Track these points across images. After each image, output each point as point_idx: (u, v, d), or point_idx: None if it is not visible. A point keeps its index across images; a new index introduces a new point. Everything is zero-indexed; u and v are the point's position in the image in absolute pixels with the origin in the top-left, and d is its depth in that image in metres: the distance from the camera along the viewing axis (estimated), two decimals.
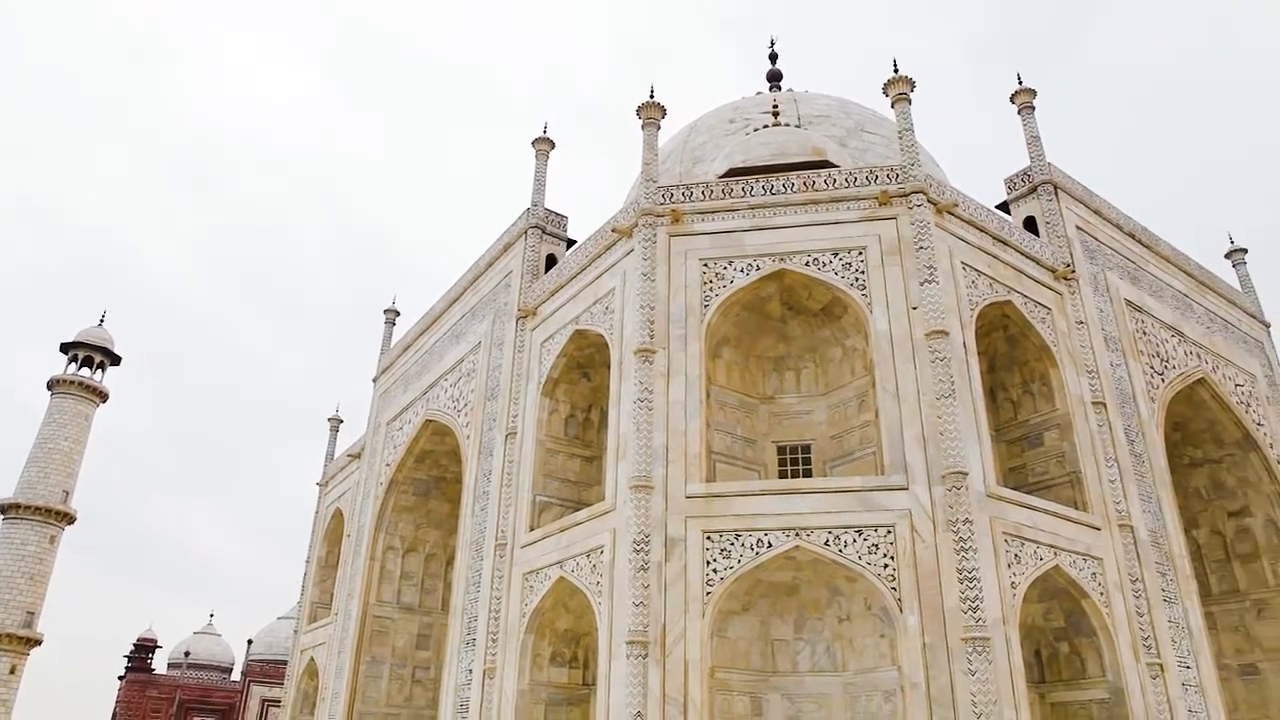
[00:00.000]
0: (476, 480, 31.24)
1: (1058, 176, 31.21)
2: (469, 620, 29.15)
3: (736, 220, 25.70)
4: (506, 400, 30.35)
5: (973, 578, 20.41)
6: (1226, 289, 38.88)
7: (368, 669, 38.21)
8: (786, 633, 22.74)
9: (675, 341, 24.09)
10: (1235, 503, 35.79)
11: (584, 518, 24.95)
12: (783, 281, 25.11)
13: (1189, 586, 27.55)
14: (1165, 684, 24.08)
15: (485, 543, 29.23)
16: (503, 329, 32.37)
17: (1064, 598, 24.05)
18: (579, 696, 26.34)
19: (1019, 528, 22.70)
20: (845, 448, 25.16)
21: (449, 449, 37.12)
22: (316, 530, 50.59)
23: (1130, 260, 32.89)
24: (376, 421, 43.33)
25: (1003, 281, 26.58)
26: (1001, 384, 28.26)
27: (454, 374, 35.64)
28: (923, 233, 24.47)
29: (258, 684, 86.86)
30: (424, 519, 40.64)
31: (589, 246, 29.14)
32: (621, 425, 24.12)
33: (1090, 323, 28.51)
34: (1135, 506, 26.50)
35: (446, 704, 29.27)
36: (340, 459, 49.40)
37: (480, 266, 36.06)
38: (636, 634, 20.82)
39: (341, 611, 40.97)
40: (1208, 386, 33.66)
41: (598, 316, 27.24)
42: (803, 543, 21.38)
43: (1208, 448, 35.70)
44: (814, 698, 22.16)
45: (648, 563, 21.51)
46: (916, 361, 22.83)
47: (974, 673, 19.55)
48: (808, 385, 26.51)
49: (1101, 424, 26.78)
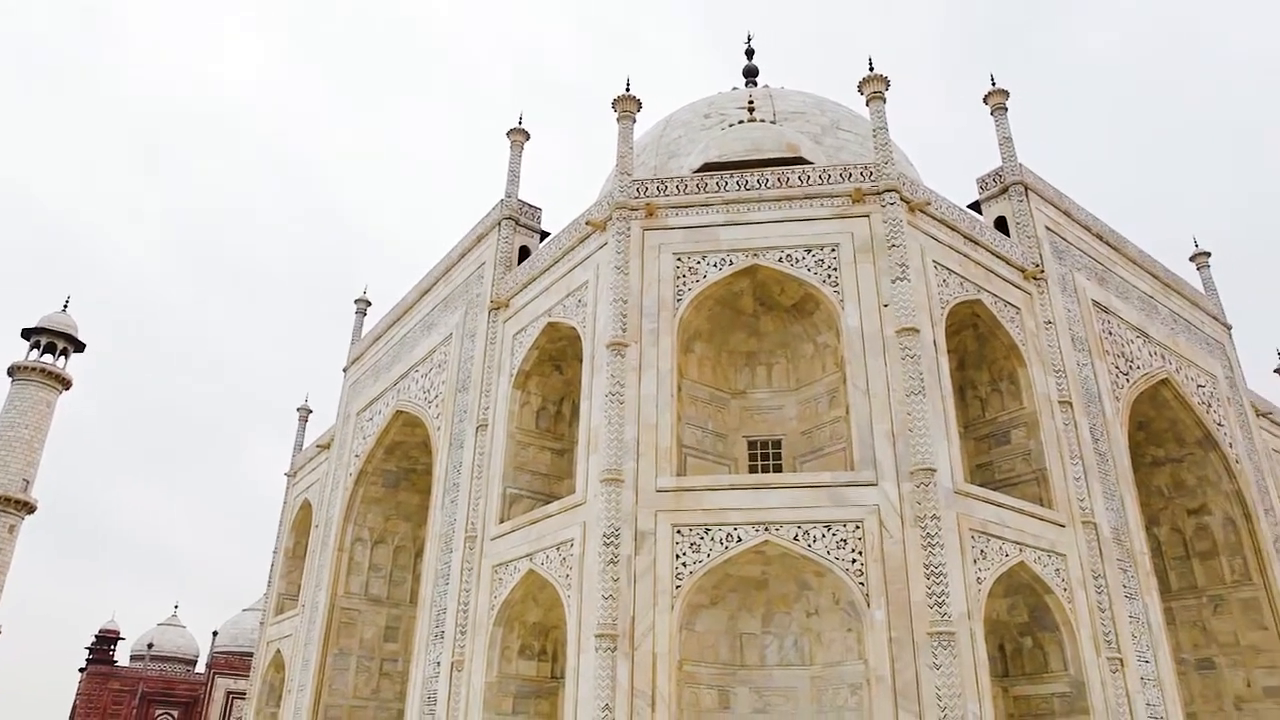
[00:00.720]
0: (447, 472, 31.09)
1: (1028, 178, 31.55)
2: (438, 613, 29.02)
3: (710, 215, 25.73)
4: (478, 392, 30.21)
5: (939, 573, 20.64)
6: (1190, 291, 39.53)
7: (335, 661, 37.95)
8: (755, 626, 22.87)
9: (647, 335, 24.10)
10: (1195, 501, 36.47)
11: (554, 510, 24.91)
12: (755, 277, 25.19)
13: (1149, 583, 28.02)
14: (1125, 678, 24.51)
15: (455, 535, 29.10)
16: (475, 320, 32.20)
17: (1028, 593, 24.38)
18: (547, 689, 26.33)
19: (985, 524, 22.97)
20: (815, 443, 25.31)
21: (419, 440, 36.91)
22: (284, 521, 50.12)
23: (1098, 261, 33.34)
24: (346, 412, 42.98)
25: (973, 280, 26.84)
26: (970, 382, 28.56)
27: (425, 365, 35.42)
28: (895, 231, 24.64)
29: (223, 676, 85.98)
30: (393, 511, 40.40)
31: (562, 239, 29.06)
32: (593, 418, 24.11)
33: (1058, 323, 28.87)
34: (1099, 504, 26.91)
35: (414, 696, 29.14)
36: (309, 449, 48.96)
37: (453, 257, 35.84)
38: (605, 627, 20.84)
39: (309, 603, 40.64)
40: (1171, 387, 34.23)
41: (570, 309, 27.18)
42: (772, 537, 21.50)
43: (1169, 447, 36.34)
44: (781, 691, 22.31)
45: (617, 556, 21.53)
46: (887, 358, 23.01)
47: (939, 667, 19.78)
48: (779, 380, 26.63)
49: (1067, 423, 27.15)
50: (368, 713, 38.15)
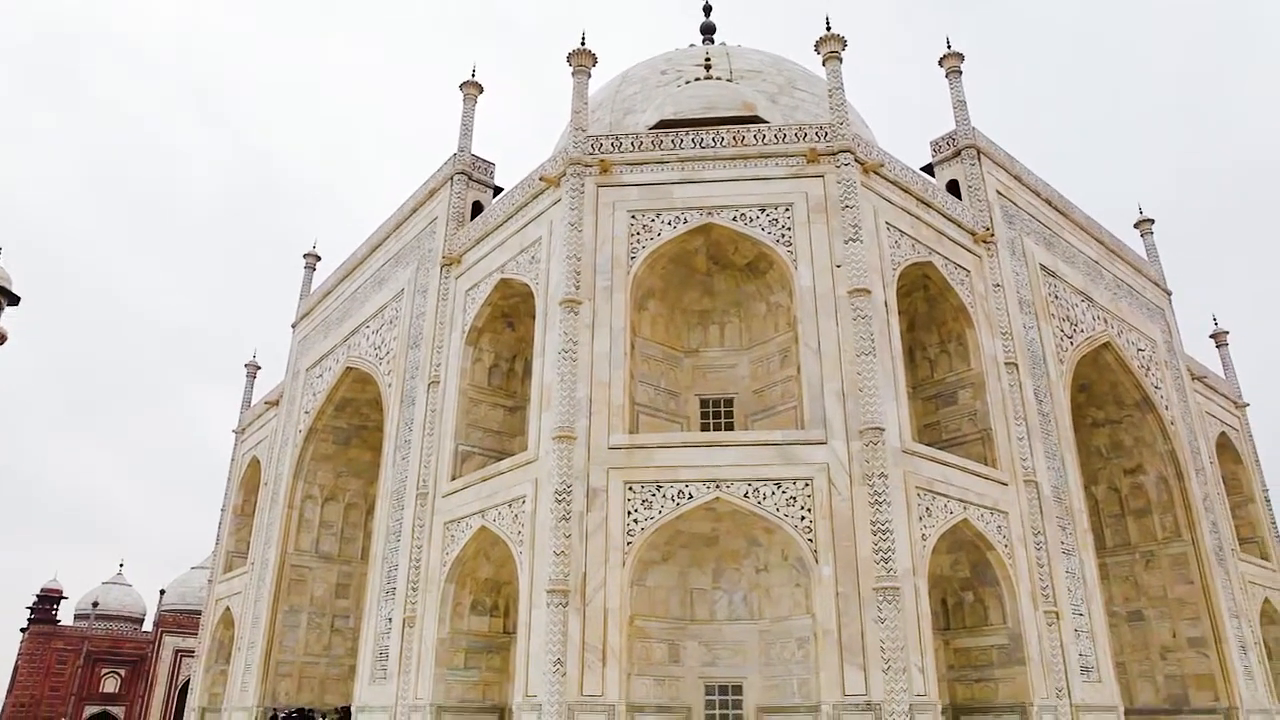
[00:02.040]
0: (398, 429, 30.86)
1: (981, 142, 31.81)
2: (389, 569, 28.97)
3: (665, 173, 25.58)
4: (429, 349, 29.91)
5: (886, 530, 21.08)
6: (1134, 257, 40.40)
7: (285, 618, 37.80)
8: (705, 582, 23.20)
9: (601, 293, 24.00)
10: (1131, 461, 37.66)
11: (506, 468, 24.90)
12: (710, 236, 25.16)
13: (1086, 540, 28.95)
14: (1060, 630, 25.39)
15: (406, 492, 28.98)
16: (426, 276, 31.78)
17: (971, 549, 25.04)
18: (499, 644, 26.52)
19: (931, 482, 23.48)
20: (767, 402, 25.55)
21: (370, 397, 36.54)
22: (232, 478, 49.46)
23: (1046, 226, 33.86)
24: (295, 368, 42.34)
25: (925, 243, 27.11)
26: (920, 343, 28.98)
27: (376, 321, 34.95)
28: (849, 192, 24.73)
29: (171, 634, 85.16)
30: (344, 467, 40.09)
31: (516, 195, 28.69)
32: (545, 376, 24.04)
33: (1006, 286, 29.34)
34: (1041, 463, 27.63)
35: (366, 652, 29.16)
36: (257, 406, 48.21)
37: (404, 212, 35.23)
38: (557, 583, 20.98)
39: (258, 560, 40.31)
40: (1112, 350, 35.11)
41: (523, 266, 26.94)
42: (723, 494, 21.74)
43: (1109, 409, 37.37)
44: (730, 645, 22.74)
45: (569, 513, 21.62)
46: (839, 319, 23.22)
47: (884, 620, 20.28)
48: (731, 340, 26.77)
49: (1013, 384, 27.73)
50: (319, 669, 38.16)
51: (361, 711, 28.36)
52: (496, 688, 26.18)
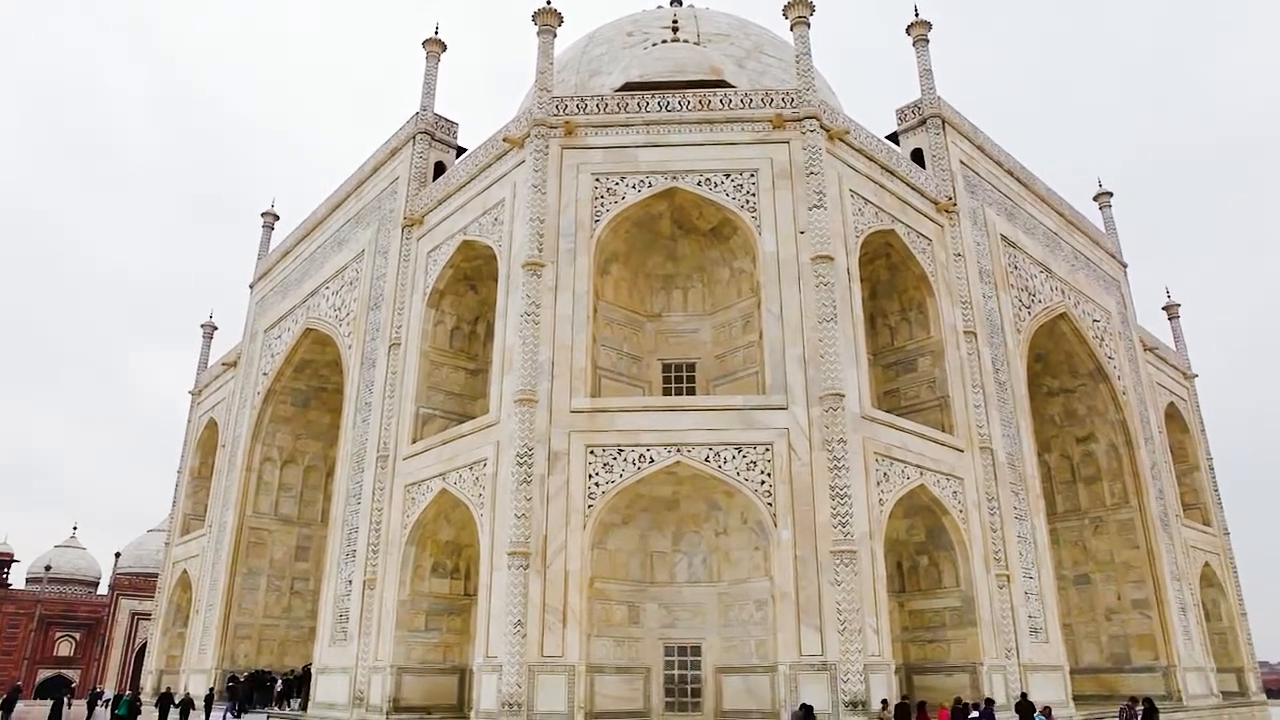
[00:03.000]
0: (358, 391, 30.58)
1: (946, 111, 31.91)
2: (349, 532, 28.85)
3: (631, 136, 25.37)
4: (390, 310, 29.59)
5: (844, 495, 21.39)
6: (1092, 229, 40.98)
7: (244, 581, 37.57)
8: (665, 545, 23.40)
9: (564, 256, 23.86)
10: (1084, 429, 38.50)
11: (468, 430, 24.82)
12: (674, 200, 25.07)
13: (1038, 505, 29.61)
14: (1010, 593, 26.03)
15: (367, 454, 28.79)
16: (388, 237, 31.34)
17: (926, 514, 25.51)
18: (460, 606, 26.59)
19: (889, 448, 23.82)
20: (729, 367, 25.67)
21: (330, 359, 36.13)
22: (189, 441, 48.77)
23: (1008, 197, 34.17)
24: (253, 329, 41.69)
25: (888, 211, 27.24)
26: (881, 310, 29.22)
27: (336, 282, 34.45)
28: (814, 158, 24.73)
29: (127, 597, 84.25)
30: (303, 430, 39.70)
31: (479, 155, 28.32)
32: (507, 338, 23.92)
33: (967, 255, 29.63)
34: (996, 431, 28.13)
35: (326, 614, 29.11)
36: (214, 367, 47.47)
37: (365, 171, 34.63)
38: (518, 545, 21.05)
39: (216, 523, 39.92)
40: (1069, 321, 35.70)
41: (486, 228, 26.66)
42: (684, 458, 21.88)
43: (1064, 378, 38.09)
44: (689, 607, 23.02)
45: (530, 476, 21.65)
46: (801, 285, 23.32)
47: (840, 583, 20.64)
48: (695, 304, 26.79)
49: (971, 352, 28.11)
50: (279, 631, 38.05)
51: (322, 673, 28.37)
52: (457, 649, 26.30)
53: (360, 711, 25.36)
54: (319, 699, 28.15)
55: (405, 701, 24.83)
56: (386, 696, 24.63)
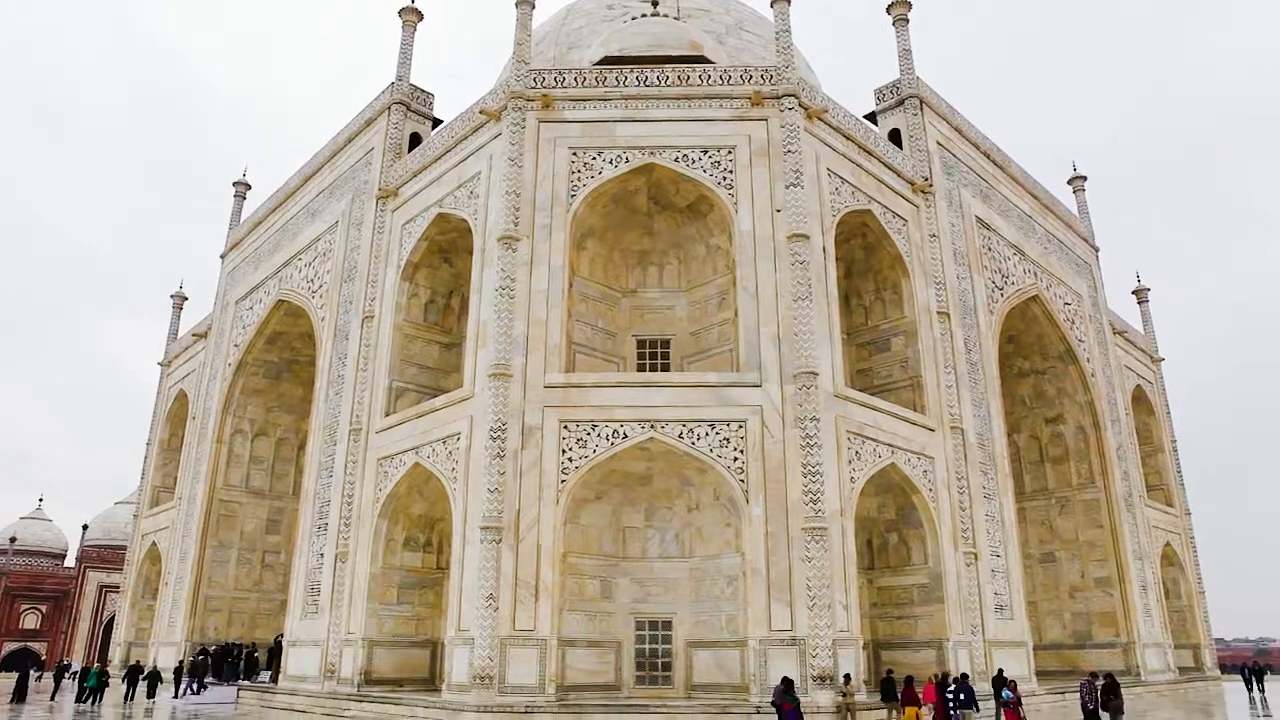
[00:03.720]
0: (331, 364, 30.34)
1: (924, 92, 31.94)
2: (321, 505, 28.72)
3: (609, 110, 25.18)
4: (364, 283, 29.32)
5: (816, 472, 21.55)
6: (1065, 213, 41.31)
7: (214, 553, 37.35)
8: (638, 520, 23.50)
9: (540, 230, 23.72)
10: (1053, 410, 39.01)
11: (441, 404, 24.73)
12: (651, 176, 24.95)
13: (1007, 485, 30.02)
14: (977, 570, 26.43)
15: (339, 428, 28.62)
16: (362, 209, 31.00)
17: (897, 492, 25.78)
18: (432, 580, 26.60)
19: (862, 427, 24.00)
20: (703, 344, 25.70)
21: (302, 331, 35.79)
22: (158, 412, 48.21)
23: (983, 179, 34.34)
24: (224, 300, 41.18)
25: (865, 191, 27.29)
26: (856, 290, 29.34)
27: (309, 253, 34.07)
28: (792, 136, 24.68)
29: (95, 570, 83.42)
30: (275, 402, 39.38)
31: (455, 127, 28.00)
32: (482, 312, 23.79)
33: (942, 236, 29.78)
34: (967, 411, 28.43)
35: (297, 587, 29.02)
36: (184, 338, 46.90)
37: (339, 142, 34.16)
38: (491, 519, 21.05)
39: (186, 496, 39.60)
40: (1040, 303, 36.05)
41: (462, 200, 26.42)
42: (657, 435, 21.94)
43: (1035, 359, 38.53)
44: (661, 582, 23.16)
45: (504, 450, 21.61)
46: (777, 263, 23.34)
47: (811, 559, 20.84)
48: (670, 281, 26.76)
49: (944, 333, 28.33)
50: (249, 604, 37.91)
51: (293, 646, 28.32)
52: (429, 622, 26.33)
53: (331, 684, 25.38)
54: (290, 671, 28.13)
55: (377, 674, 24.86)
56: (358, 669, 24.65)
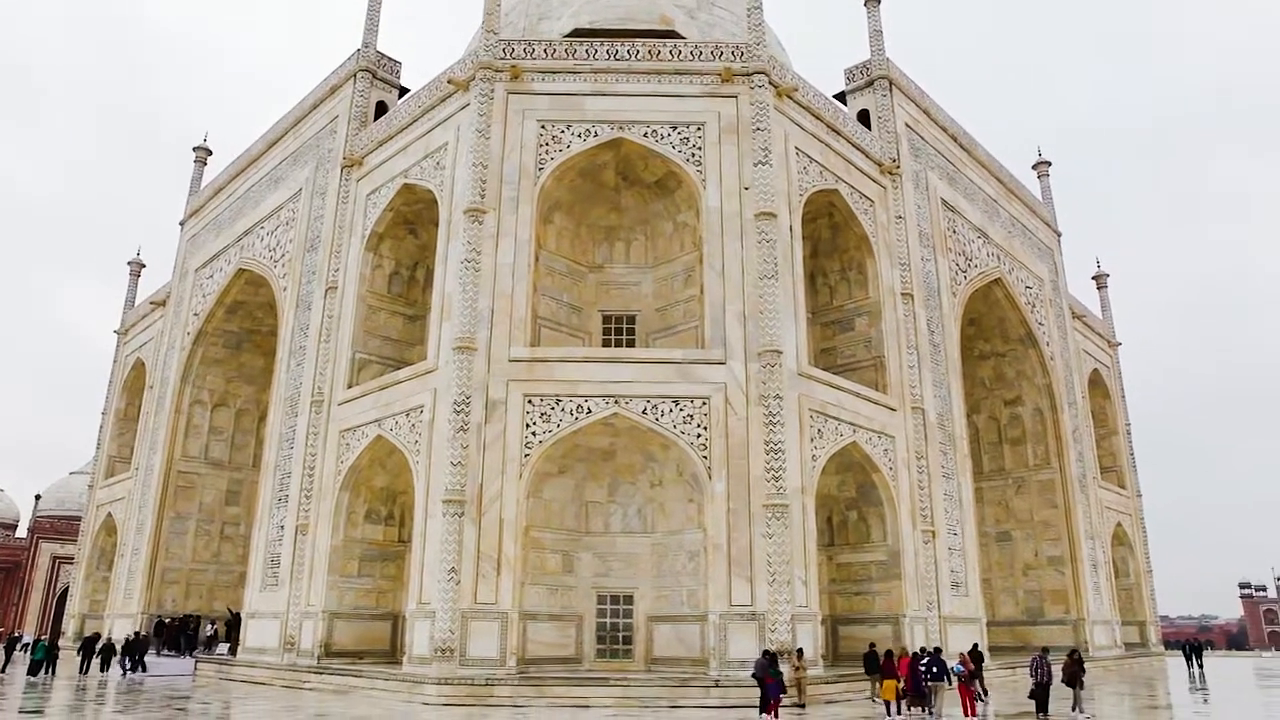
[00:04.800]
0: (293, 334, 29.95)
1: (894, 74, 32.01)
2: (282, 477, 28.45)
3: (578, 83, 24.96)
4: (328, 253, 28.92)
5: (778, 450, 21.72)
6: (1029, 197, 41.77)
7: (172, 525, 36.87)
8: (600, 495, 23.57)
9: (506, 203, 23.52)
10: (1012, 392, 39.64)
11: (405, 377, 24.55)
12: (620, 151, 24.81)
13: (965, 465, 30.50)
14: (935, 548, 26.87)
15: (301, 399, 28.31)
16: (326, 177, 30.51)
17: (858, 471, 26.08)
18: (394, 553, 26.51)
19: (825, 405, 24.21)
20: (669, 320, 25.73)
21: (264, 301, 35.26)
22: (114, 381, 47.34)
23: (950, 162, 34.57)
24: (184, 268, 40.40)
25: (832, 170, 27.36)
26: (822, 269, 29.49)
27: (271, 222, 33.50)
28: (761, 114, 24.65)
29: (48, 540, 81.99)
30: (235, 373, 38.82)
31: (422, 97, 27.60)
32: (447, 285, 23.59)
33: (908, 218, 29.98)
34: (928, 391, 28.79)
35: (257, 560, 28.78)
36: (142, 306, 45.99)
37: (304, 108, 33.53)
38: (454, 493, 20.99)
39: (143, 466, 38.99)
40: (1003, 286, 36.50)
41: (428, 171, 26.11)
42: (621, 410, 21.96)
43: (995, 342, 39.05)
44: (623, 556, 23.29)
45: (468, 424, 21.53)
46: (744, 241, 23.37)
47: (771, 536, 21.05)
48: (637, 257, 26.70)
49: (907, 314, 28.60)
50: (208, 575, 37.52)
51: (252, 618, 28.13)
52: (390, 595, 26.27)
53: (291, 656, 25.27)
54: (249, 644, 27.95)
55: (337, 646, 24.80)
56: (318, 641, 24.57)
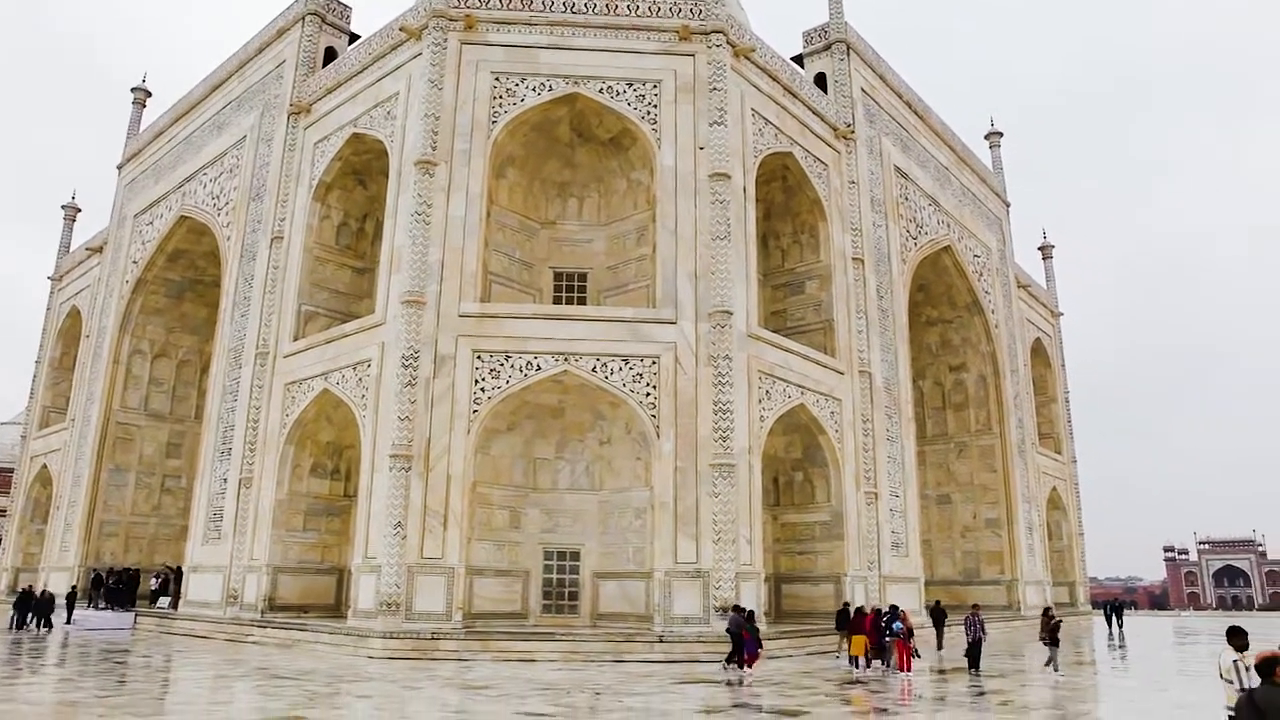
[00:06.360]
0: (237, 285, 29.29)
1: (852, 38, 31.98)
2: (225, 429, 27.99)
3: (534, 35, 24.52)
4: (274, 202, 28.23)
5: (727, 410, 21.93)
6: (980, 167, 42.27)
7: (111, 477, 36.11)
8: (549, 452, 23.62)
9: (459, 156, 23.13)
10: (957, 359, 40.43)
11: (352, 330, 24.20)
12: (574, 106, 24.50)
13: (909, 429, 31.11)
14: (877, 510, 27.48)
15: (245, 351, 27.78)
16: (272, 124, 29.67)
17: (804, 432, 26.46)
18: (340, 508, 26.33)
19: (773, 367, 24.45)
20: (620, 279, 25.67)
21: (207, 250, 34.36)
22: (48, 329, 45.87)
23: (904, 129, 34.78)
24: (122, 214, 39.13)
25: (788, 133, 27.36)
26: (774, 232, 29.61)
27: (214, 168, 32.55)
28: (718, 74, 24.49)
29: None
30: (177, 323, 37.90)
31: (373, 44, 26.89)
32: (396, 238, 23.22)
33: (861, 183, 30.17)
34: (876, 356, 29.22)
35: (199, 513, 28.37)
36: (78, 252, 44.50)
37: (249, 51, 32.47)
38: (401, 448, 20.86)
39: (80, 417, 38.03)
40: (951, 254, 37.02)
41: (378, 121, 25.53)
42: (571, 368, 21.95)
43: (943, 309, 39.71)
44: (570, 513, 23.43)
45: (415, 378, 21.35)
46: (697, 201, 23.34)
47: (718, 495, 21.32)
48: (590, 214, 26.53)
49: (858, 279, 28.91)
50: (148, 528, 36.90)
51: (194, 571, 27.81)
52: (336, 550, 26.14)
53: (234, 610, 25.07)
54: (191, 597, 27.66)
55: (281, 600, 24.66)
56: (262, 595, 24.40)
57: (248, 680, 15.62)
